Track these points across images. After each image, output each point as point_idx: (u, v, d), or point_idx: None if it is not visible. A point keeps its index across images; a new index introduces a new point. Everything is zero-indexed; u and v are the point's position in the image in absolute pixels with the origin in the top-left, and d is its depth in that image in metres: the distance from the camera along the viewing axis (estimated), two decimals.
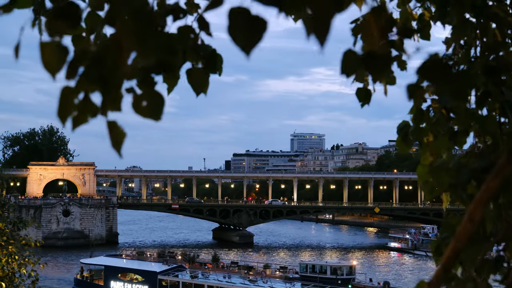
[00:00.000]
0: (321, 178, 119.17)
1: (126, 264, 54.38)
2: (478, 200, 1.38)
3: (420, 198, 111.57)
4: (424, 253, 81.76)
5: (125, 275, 52.19)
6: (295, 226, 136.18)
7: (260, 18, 1.23)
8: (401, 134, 1.91)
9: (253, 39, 1.22)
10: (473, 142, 1.83)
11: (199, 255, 60.56)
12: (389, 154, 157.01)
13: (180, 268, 51.31)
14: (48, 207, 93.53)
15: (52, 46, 1.32)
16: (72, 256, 76.56)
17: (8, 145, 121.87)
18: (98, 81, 1.27)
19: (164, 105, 1.31)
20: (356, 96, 1.95)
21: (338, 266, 52.70)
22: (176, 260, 55.34)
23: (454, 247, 1.36)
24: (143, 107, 1.30)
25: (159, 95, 1.31)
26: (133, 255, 59.19)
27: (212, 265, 53.78)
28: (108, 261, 54.90)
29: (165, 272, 49.91)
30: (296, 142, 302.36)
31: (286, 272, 52.66)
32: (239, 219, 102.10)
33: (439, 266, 1.40)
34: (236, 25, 1.22)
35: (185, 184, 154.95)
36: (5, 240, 11.26)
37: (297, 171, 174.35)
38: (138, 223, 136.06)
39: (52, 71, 1.31)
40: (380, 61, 1.45)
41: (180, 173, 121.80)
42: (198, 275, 49.05)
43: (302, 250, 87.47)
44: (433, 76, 1.54)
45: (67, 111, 1.29)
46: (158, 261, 54.39)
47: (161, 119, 1.31)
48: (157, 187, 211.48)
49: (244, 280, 47.91)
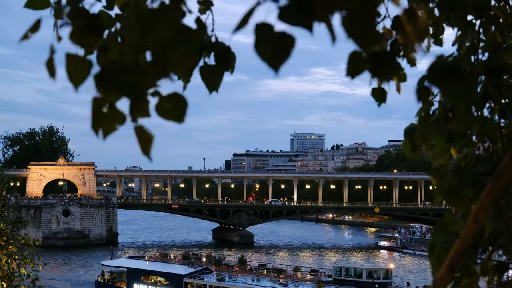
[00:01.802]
0: (321, 178, 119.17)
1: (149, 266, 52.87)
2: (483, 201, 1.37)
3: (420, 198, 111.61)
4: (412, 251, 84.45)
5: (148, 277, 50.45)
6: (295, 226, 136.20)
7: (287, 34, 1.21)
8: (408, 137, 1.91)
9: (281, 56, 1.21)
10: None
11: (225, 257, 58.73)
12: (389, 154, 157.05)
13: (206, 270, 49.80)
14: (48, 207, 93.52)
15: (77, 58, 1.32)
16: (88, 258, 76.33)
17: (8, 145, 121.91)
18: (127, 89, 1.26)
19: (187, 107, 1.31)
20: (372, 96, 1.95)
21: (374, 269, 51.30)
22: (201, 263, 53.82)
23: (458, 248, 1.36)
24: (166, 110, 1.29)
25: (182, 98, 1.30)
26: (156, 257, 57.58)
27: (239, 268, 52.17)
28: (130, 263, 53.33)
29: (191, 274, 48.22)
30: (296, 142, 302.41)
31: (318, 275, 51.08)
32: (239, 219, 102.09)
33: (443, 266, 1.39)
34: (263, 42, 1.21)
35: (185, 184, 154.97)
36: (5, 240, 11.26)
37: (297, 171, 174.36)
38: (138, 223, 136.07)
39: (76, 82, 1.32)
40: (385, 62, 1.45)
41: (180, 173, 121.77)
42: (225, 278, 47.44)
43: (303, 250, 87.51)
44: (440, 79, 1.53)
45: (101, 122, 1.30)
46: (183, 264, 52.83)
47: (184, 121, 1.31)
48: (157, 187, 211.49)
49: (274, 283, 46.11)
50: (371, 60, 1.40)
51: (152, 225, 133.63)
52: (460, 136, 1.81)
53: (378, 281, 49.63)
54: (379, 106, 2.03)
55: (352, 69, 1.38)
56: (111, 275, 53.64)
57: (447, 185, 1.67)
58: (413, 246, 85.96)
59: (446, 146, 1.79)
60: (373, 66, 1.41)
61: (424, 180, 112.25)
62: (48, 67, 1.35)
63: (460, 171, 1.66)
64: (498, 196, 1.41)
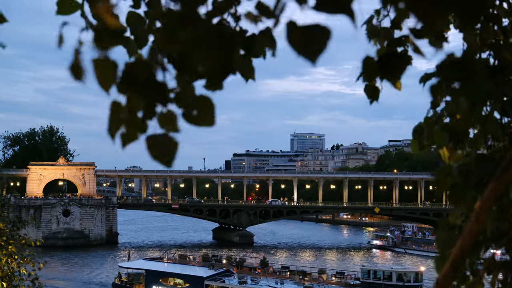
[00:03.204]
0: (321, 178, 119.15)
1: (168, 268, 51.30)
2: (485, 200, 1.37)
3: (420, 198, 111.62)
4: (403, 250, 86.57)
5: (167, 279, 48.92)
6: (295, 226, 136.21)
7: (321, 25, 1.19)
8: (416, 136, 1.89)
9: (318, 47, 1.19)
10: None
11: (246, 259, 57.23)
12: (389, 154, 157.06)
13: (227, 273, 48.58)
14: (48, 207, 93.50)
15: (104, 62, 1.30)
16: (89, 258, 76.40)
17: (8, 145, 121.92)
18: (151, 92, 1.24)
19: (215, 109, 1.27)
20: (364, 92, 1.93)
21: (403, 272, 50.30)
22: (222, 264, 52.52)
23: (461, 246, 1.36)
24: (194, 116, 1.26)
25: (208, 100, 1.27)
26: (175, 258, 56.22)
27: (261, 270, 50.78)
28: (148, 265, 51.97)
29: (212, 277, 46.71)
30: (296, 142, 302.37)
31: (344, 277, 49.79)
32: (239, 219, 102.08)
33: (447, 264, 1.40)
34: (296, 36, 1.19)
35: (185, 184, 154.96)
36: (5, 240, 11.25)
37: (297, 171, 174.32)
38: (138, 223, 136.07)
39: (105, 87, 1.30)
40: (395, 64, 1.44)
41: (180, 173, 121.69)
42: (247, 280, 46.08)
43: (303, 250, 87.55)
44: (452, 76, 1.52)
45: (117, 128, 1.27)
46: (203, 265, 51.58)
47: (214, 124, 1.27)
48: (157, 187, 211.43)
49: (299, 286, 44.60)
50: (382, 62, 1.40)
51: (152, 225, 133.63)
52: (464, 135, 1.80)
53: (408, 284, 48.59)
54: (371, 103, 2.00)
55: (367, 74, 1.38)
56: (128, 277, 52.28)
57: (450, 183, 1.66)
58: (404, 245, 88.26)
59: (450, 145, 1.79)
60: (384, 68, 1.41)
61: (424, 180, 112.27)
62: (73, 71, 1.32)
63: (465, 171, 1.65)
64: (500, 195, 1.41)
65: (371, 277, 49.50)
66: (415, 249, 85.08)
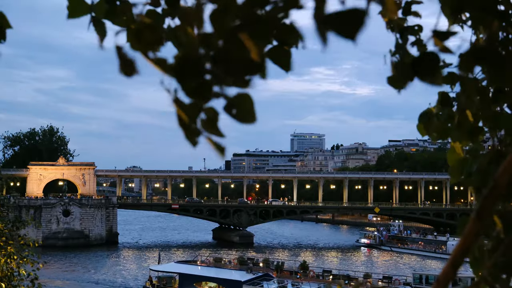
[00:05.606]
0: (321, 178, 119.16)
1: (203, 271, 49.52)
2: (486, 197, 1.36)
3: (420, 198, 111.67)
4: (389, 248, 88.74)
5: (201, 283, 46.98)
6: (295, 226, 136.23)
7: (355, 8, 1.15)
8: (422, 122, 1.86)
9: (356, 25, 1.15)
10: None
11: (284, 262, 54.72)
12: (389, 154, 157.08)
13: (266, 277, 46.13)
14: (48, 207, 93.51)
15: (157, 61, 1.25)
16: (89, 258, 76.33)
17: (8, 145, 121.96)
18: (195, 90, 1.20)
19: (254, 104, 1.25)
20: (389, 84, 1.90)
21: (459, 276, 46.64)
22: (259, 268, 50.80)
23: (462, 245, 1.35)
24: (234, 113, 1.24)
25: (247, 96, 1.25)
26: (209, 261, 54.33)
27: (301, 274, 48.59)
28: (181, 268, 49.79)
29: (250, 281, 44.53)
30: (296, 142, 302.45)
31: (391, 282, 47.70)
32: (239, 219, 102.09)
33: (447, 263, 1.39)
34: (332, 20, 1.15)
35: (185, 184, 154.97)
36: (4, 241, 11.23)
37: (297, 171, 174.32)
38: (138, 223, 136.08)
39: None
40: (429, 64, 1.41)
41: (180, 173, 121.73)
42: (288, 285, 44.15)
43: (303, 250, 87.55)
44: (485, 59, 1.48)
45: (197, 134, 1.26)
46: (240, 269, 49.62)
47: (256, 121, 1.25)
48: (157, 187, 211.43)
49: None
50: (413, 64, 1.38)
51: (152, 225, 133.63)
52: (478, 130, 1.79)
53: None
54: (399, 92, 1.97)
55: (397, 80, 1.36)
56: (159, 281, 50.48)
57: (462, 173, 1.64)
58: (390, 243, 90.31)
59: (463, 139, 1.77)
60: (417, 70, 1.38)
61: (424, 180, 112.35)
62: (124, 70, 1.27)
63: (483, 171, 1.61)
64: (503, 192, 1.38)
65: (424, 282, 47.64)
66: (400, 247, 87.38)
